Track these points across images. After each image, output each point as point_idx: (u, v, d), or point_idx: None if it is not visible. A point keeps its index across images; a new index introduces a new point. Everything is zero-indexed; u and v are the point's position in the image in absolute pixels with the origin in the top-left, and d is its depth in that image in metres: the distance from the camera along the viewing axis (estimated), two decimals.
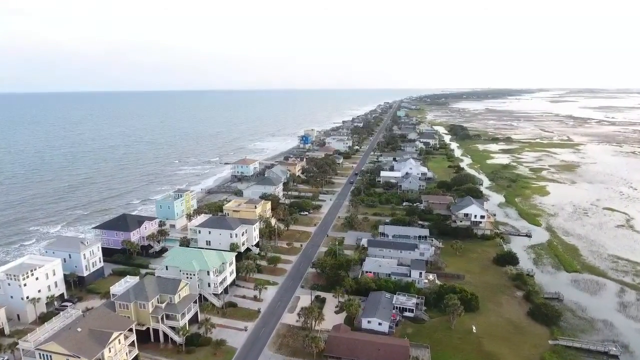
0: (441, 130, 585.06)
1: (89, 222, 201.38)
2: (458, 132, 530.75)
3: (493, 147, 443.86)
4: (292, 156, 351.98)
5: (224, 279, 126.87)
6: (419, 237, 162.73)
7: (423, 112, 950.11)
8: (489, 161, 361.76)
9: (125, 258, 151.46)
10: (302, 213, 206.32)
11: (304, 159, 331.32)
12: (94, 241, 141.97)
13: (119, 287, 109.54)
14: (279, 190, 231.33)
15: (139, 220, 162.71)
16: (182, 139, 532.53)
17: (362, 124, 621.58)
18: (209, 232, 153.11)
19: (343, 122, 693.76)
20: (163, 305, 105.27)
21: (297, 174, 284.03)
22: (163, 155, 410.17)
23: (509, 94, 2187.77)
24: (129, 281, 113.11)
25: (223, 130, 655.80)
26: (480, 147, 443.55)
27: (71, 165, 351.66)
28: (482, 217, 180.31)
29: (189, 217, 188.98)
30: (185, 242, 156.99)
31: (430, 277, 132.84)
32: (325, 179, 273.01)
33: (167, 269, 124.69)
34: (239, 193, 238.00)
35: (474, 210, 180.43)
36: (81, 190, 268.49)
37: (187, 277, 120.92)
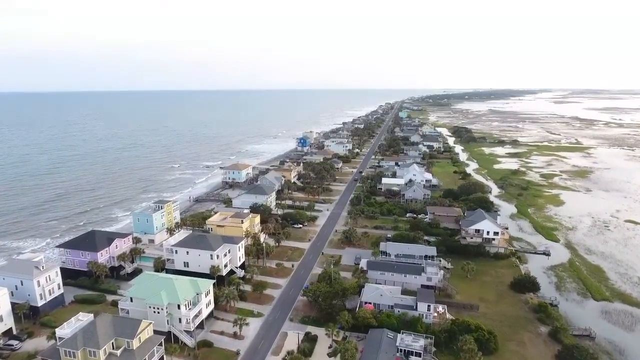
0: (444, 132, 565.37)
1: (69, 237, 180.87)
2: (462, 135, 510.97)
3: (499, 150, 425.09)
4: (288, 160, 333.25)
5: (199, 312, 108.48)
6: (425, 256, 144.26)
7: (425, 113, 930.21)
8: (496, 166, 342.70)
9: (91, 282, 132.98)
10: (296, 226, 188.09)
11: (301, 164, 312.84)
12: (52, 265, 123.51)
13: (67, 329, 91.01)
14: (271, 200, 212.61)
15: (109, 238, 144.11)
16: (179, 142, 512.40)
17: (362, 126, 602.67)
18: (187, 252, 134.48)
19: (343, 123, 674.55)
20: (119, 351, 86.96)
21: (292, 181, 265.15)
22: (159, 159, 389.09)
23: (511, 95, 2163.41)
24: (82, 320, 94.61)
25: (222, 131, 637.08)
26: (486, 150, 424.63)
27: (58, 171, 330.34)
28: (496, 233, 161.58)
29: (171, 231, 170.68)
30: (160, 264, 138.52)
31: (440, 309, 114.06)
32: (322, 186, 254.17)
33: (131, 301, 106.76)
34: (228, 202, 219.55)
35: (486, 226, 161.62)
36: (67, 200, 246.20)
37: (155, 312, 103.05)
